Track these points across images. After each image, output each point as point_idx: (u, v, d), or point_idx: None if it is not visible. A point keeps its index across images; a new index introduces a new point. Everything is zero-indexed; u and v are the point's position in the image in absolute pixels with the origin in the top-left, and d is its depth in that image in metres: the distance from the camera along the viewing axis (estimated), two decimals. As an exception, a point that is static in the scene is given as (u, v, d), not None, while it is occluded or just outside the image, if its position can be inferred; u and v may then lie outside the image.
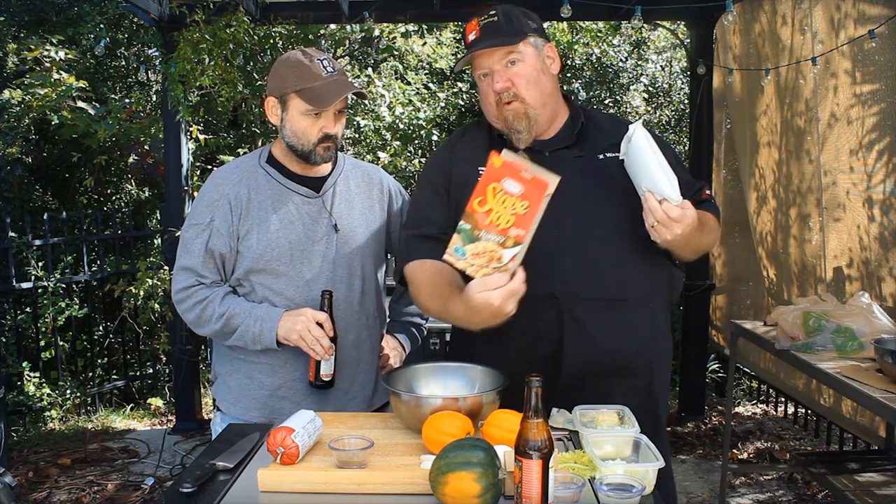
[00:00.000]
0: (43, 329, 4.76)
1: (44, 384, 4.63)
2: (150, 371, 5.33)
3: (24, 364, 4.56)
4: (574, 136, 1.81)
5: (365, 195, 2.03)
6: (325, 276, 1.91)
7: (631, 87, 6.29)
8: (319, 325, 1.81)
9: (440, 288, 1.69)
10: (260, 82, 4.91)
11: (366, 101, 5.61)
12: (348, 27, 5.59)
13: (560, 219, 1.69)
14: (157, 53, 5.79)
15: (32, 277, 4.59)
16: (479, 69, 1.79)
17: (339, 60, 5.91)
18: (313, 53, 1.88)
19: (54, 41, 5.20)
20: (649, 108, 6.32)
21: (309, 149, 1.88)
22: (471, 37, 1.79)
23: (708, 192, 1.87)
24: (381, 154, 5.51)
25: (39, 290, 4.65)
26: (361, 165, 2.11)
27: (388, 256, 2.19)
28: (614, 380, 1.76)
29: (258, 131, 5.60)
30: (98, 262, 5.08)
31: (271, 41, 4.75)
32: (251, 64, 4.86)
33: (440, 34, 6.14)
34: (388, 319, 2.18)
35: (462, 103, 6.19)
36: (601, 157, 1.79)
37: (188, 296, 1.88)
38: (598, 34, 6.14)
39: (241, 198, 1.89)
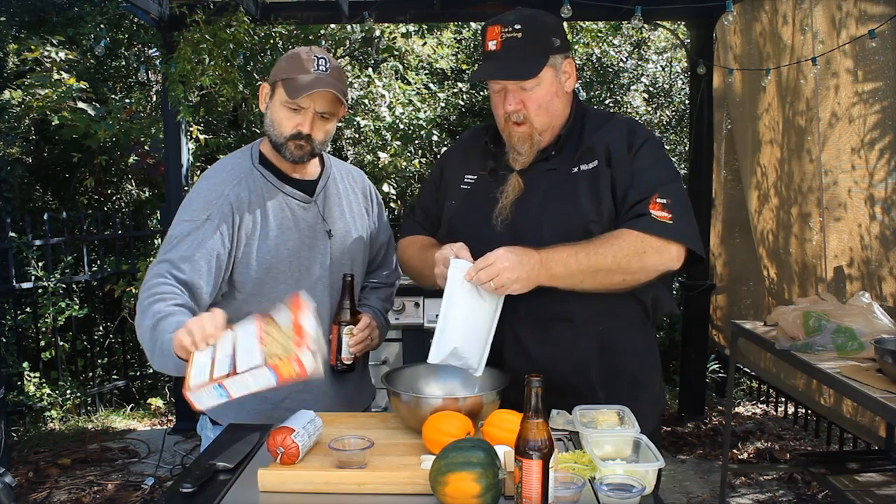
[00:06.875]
0: (43, 329, 4.76)
1: (44, 384, 4.63)
2: (150, 371, 5.32)
3: (25, 364, 4.56)
4: (555, 148, 1.77)
5: (353, 198, 2.01)
6: (322, 284, 1.88)
7: (631, 88, 6.28)
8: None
9: (424, 245, 1.90)
10: (260, 82, 4.90)
11: (366, 101, 5.61)
12: (348, 27, 5.59)
13: (516, 232, 1.69)
14: (157, 53, 5.78)
15: (32, 277, 4.59)
16: (493, 83, 1.76)
17: (339, 60, 5.90)
18: (315, 51, 1.83)
19: (54, 41, 5.20)
20: (649, 109, 6.31)
21: (281, 142, 1.82)
22: (490, 45, 1.70)
23: (660, 201, 1.66)
24: (381, 154, 5.51)
25: (39, 290, 4.65)
26: (346, 167, 2.07)
27: None
28: (557, 397, 1.68)
29: (258, 131, 5.59)
30: (98, 263, 5.08)
31: (271, 41, 4.74)
32: (251, 64, 4.85)
33: (440, 34, 6.13)
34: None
35: (462, 103, 6.18)
36: (574, 170, 1.73)
37: (153, 285, 1.69)
38: (599, 34, 6.13)
39: (241, 200, 1.81)
